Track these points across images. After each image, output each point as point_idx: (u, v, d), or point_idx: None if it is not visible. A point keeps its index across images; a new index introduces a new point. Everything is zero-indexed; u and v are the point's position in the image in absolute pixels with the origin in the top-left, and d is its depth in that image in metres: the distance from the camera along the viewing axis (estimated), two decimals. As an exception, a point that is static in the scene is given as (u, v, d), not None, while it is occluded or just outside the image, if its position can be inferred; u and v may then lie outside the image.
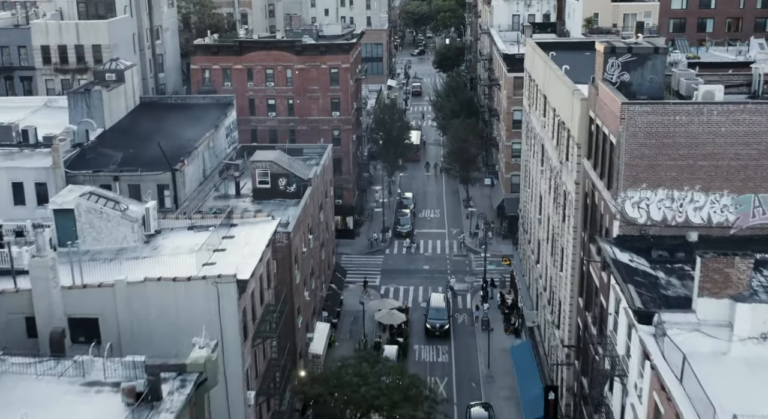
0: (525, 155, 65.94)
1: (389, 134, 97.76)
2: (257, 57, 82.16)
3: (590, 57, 63.53)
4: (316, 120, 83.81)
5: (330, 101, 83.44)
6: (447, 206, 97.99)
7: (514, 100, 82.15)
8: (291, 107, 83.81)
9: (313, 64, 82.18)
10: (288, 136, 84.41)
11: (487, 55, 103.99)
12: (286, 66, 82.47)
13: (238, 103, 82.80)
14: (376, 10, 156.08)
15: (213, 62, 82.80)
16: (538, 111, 57.30)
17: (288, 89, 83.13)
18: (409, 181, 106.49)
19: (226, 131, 65.69)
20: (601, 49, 37.44)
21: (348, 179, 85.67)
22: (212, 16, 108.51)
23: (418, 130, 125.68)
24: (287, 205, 56.87)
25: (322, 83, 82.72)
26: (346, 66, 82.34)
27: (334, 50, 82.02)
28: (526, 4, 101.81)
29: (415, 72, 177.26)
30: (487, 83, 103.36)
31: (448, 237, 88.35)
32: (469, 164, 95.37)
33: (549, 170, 51.71)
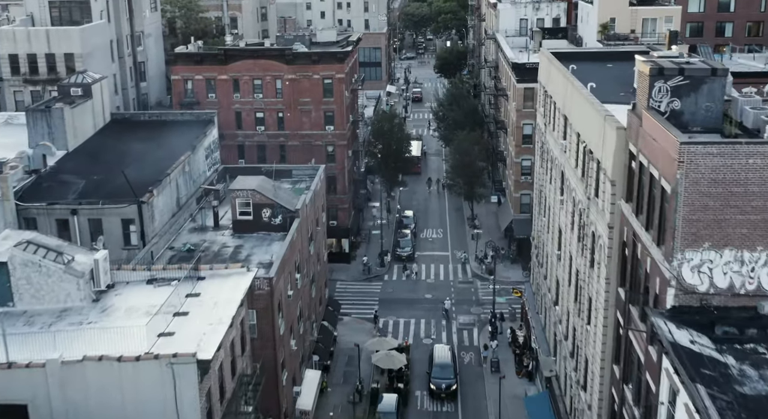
0: (539, 178, 59.10)
1: (388, 147, 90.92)
2: (244, 66, 75.33)
3: (614, 70, 57.02)
4: (308, 135, 76.97)
5: (323, 115, 76.63)
6: (450, 224, 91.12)
7: (524, 113, 75.40)
8: (281, 121, 77.00)
9: (305, 74, 75.36)
10: (278, 152, 77.64)
11: (493, 62, 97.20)
12: (276, 76, 75.65)
13: (223, 116, 76.16)
14: (374, 13, 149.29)
15: (196, 72, 75.95)
16: (556, 132, 50.47)
17: (277, 102, 76.31)
18: (410, 196, 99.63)
19: (206, 152, 58.83)
20: (646, 71, 30.60)
21: (343, 198, 78.81)
22: (199, 21, 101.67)
23: (419, 140, 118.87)
24: (272, 239, 50.04)
25: (314, 95, 75.90)
26: (341, 76, 75.50)
27: (328, 59, 75.18)
28: (534, 7, 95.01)
29: (415, 77, 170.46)
30: (493, 92, 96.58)
31: (451, 261, 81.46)
32: (474, 179, 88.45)
33: (571, 202, 44.88)
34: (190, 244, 48.80)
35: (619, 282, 34.68)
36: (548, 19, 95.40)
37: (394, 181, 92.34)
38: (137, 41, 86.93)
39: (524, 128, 75.94)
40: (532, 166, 76.52)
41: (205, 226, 52.51)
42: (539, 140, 59.35)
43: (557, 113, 50.05)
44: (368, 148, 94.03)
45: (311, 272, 55.56)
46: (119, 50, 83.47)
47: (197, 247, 48.74)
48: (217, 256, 47.51)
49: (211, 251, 48.48)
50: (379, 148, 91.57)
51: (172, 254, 48.01)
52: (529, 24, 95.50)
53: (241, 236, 50.55)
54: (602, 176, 36.78)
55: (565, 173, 47.00)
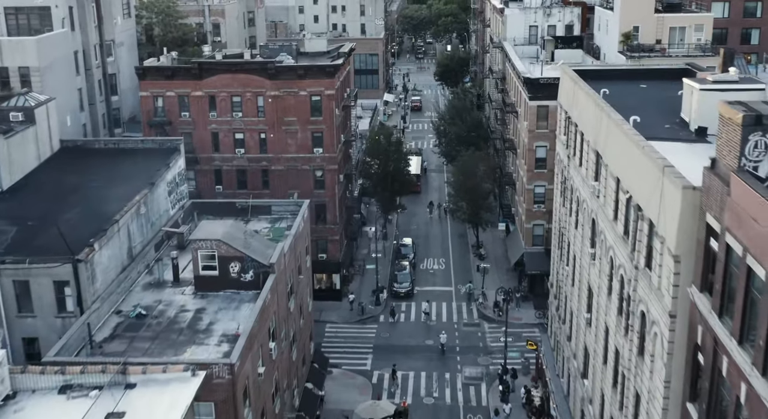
0: (561, 217, 50.47)
1: (384, 168, 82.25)
2: (221, 82, 66.66)
3: (651, 92, 48.34)
4: (293, 158, 68.31)
5: (311, 136, 67.95)
6: (453, 253, 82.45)
7: (538, 134, 66.80)
8: (263, 143, 68.32)
9: (290, 90, 66.70)
10: (259, 177, 68.96)
11: (499, 73, 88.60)
12: (257, 92, 66.99)
13: (198, 137, 67.56)
14: (371, 17, 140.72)
15: (167, 88, 67.27)
16: (584, 169, 41.86)
17: (259, 121, 67.65)
18: (409, 219, 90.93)
19: (169, 187, 50.17)
20: (736, 119, 21.95)
21: (333, 229, 70.14)
22: (179, 28, 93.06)
23: (418, 155, 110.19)
24: (241, 300, 41.40)
25: (301, 114, 67.24)
26: (330, 93, 66.83)
27: (316, 73, 66.51)
28: (545, 13, 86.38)
29: (414, 84, 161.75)
30: (500, 106, 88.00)
31: (455, 298, 72.78)
32: (480, 203, 79.81)
33: (608, 262, 36.28)
34: (141, 308, 40.13)
35: (688, 395, 26.02)
36: (560, 26, 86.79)
37: (391, 206, 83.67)
38: (107, 51, 78.46)
39: (537, 151, 67.35)
40: (546, 193, 68.09)
41: (163, 281, 43.84)
42: (560, 171, 50.71)
43: (586, 147, 41.43)
44: (363, 167, 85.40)
45: (292, 332, 46.90)
46: (86, 62, 74.90)
47: (150, 311, 40.11)
48: (171, 325, 38.85)
49: (165, 317, 39.81)
50: (374, 168, 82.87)
51: (119, 320, 39.37)
52: (539, 31, 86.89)
53: (204, 295, 41.88)
54: (658, 245, 28.15)
55: (598, 222, 38.38)
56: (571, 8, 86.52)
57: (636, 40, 69.78)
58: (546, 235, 68.93)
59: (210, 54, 74.62)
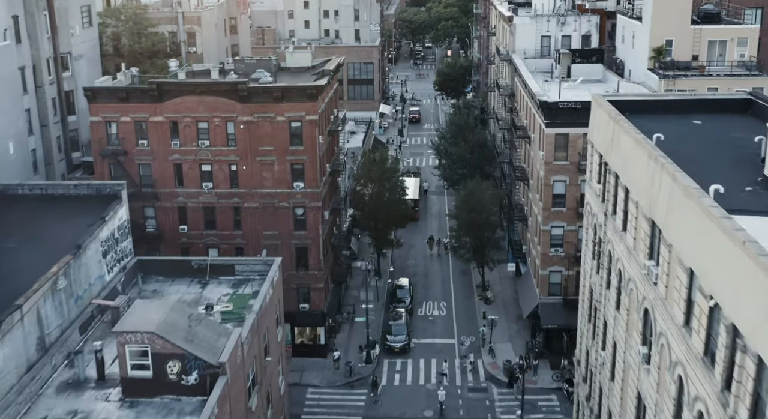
0: (594, 286, 40.57)
1: (378, 199, 72.34)
2: (184, 105, 56.83)
3: (710, 131, 38.68)
4: (270, 194, 58.47)
5: (290, 168, 58.08)
6: (456, 295, 72.56)
7: (556, 167, 57.01)
8: (234, 176, 58.47)
9: (266, 115, 56.86)
10: (230, 216, 59.13)
11: (508, 89, 78.74)
12: (227, 118, 57.15)
13: (158, 169, 57.78)
14: (365, 22, 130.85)
15: (121, 112, 57.42)
16: (631, 239, 32.00)
17: (230, 151, 57.79)
18: (405, 251, 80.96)
19: (105, 246, 40.27)
20: None
21: (317, 275, 60.26)
22: (149, 37, 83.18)
23: (417, 175, 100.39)
24: (182, 410, 31.55)
25: (278, 142, 57.40)
26: (313, 118, 56.99)
27: (295, 96, 56.64)
28: (559, 22, 76.47)
29: (412, 93, 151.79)
30: (507, 126, 78.18)
31: (458, 354, 62.93)
32: (486, 239, 69.96)
33: (674, 381, 26.41)
34: (48, 424, 30.32)
35: None
36: (576, 36, 76.89)
37: (385, 241, 73.81)
38: (63, 65, 68.83)
39: (555, 186, 57.57)
40: (566, 235, 58.33)
41: (84, 379, 33.96)
42: (591, 226, 40.85)
43: (633, 210, 31.58)
44: (354, 195, 75.52)
45: (254, 435, 37.03)
46: (36, 78, 65.42)
47: (59, 429, 30.27)
48: (82, 456, 29.01)
49: (77, 440, 29.97)
50: (366, 198, 72.98)
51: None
52: (552, 42, 77.00)
53: (134, 402, 32.01)
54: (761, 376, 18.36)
55: (656, 318, 28.55)
56: (588, 16, 76.65)
57: (669, 56, 59.97)
58: (565, 283, 59.19)
59: (174, 71, 64.62)
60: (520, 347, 62.21)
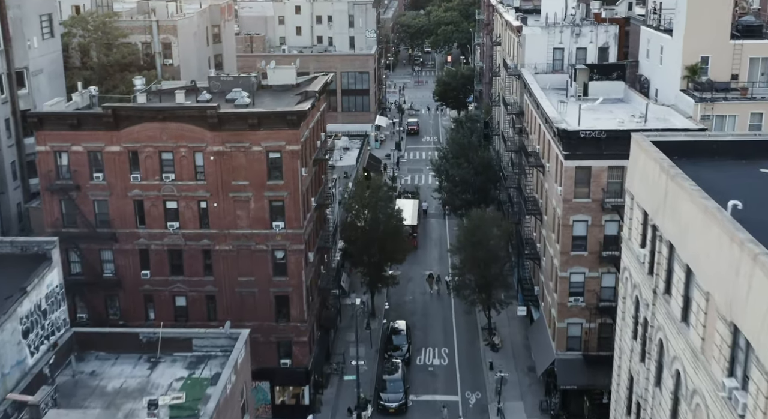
0: (635, 376, 32.64)
1: (372, 231, 64.51)
2: (145, 133, 49.01)
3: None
4: (245, 236, 50.62)
5: (268, 205, 50.22)
6: (459, 340, 64.70)
7: (577, 206, 49.14)
8: (204, 215, 50.63)
9: (240, 144, 49.02)
10: (200, 260, 51.31)
11: (516, 107, 70.93)
12: (195, 148, 49.32)
13: (116, 207, 49.96)
14: (361, 29, 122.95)
15: (72, 141, 49.57)
16: (698, 337, 24.16)
17: (198, 186, 49.96)
18: (402, 286, 72.96)
19: (26, 324, 32.34)
20: None
21: (300, 328, 52.37)
22: (120, 49, 75.24)
23: (415, 196, 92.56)
24: None
25: (254, 176, 49.56)
26: (294, 148, 49.12)
27: (274, 122, 48.76)
28: (573, 33, 68.62)
29: (411, 102, 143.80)
30: (515, 147, 70.43)
31: (463, 412, 55.05)
32: (492, 276, 62.13)
33: None
34: None
35: None
36: (592, 48, 69.04)
37: (379, 278, 65.96)
38: (20, 82, 61.18)
39: (575, 227, 49.69)
40: (587, 282, 50.50)
41: None
42: (632, 300, 32.95)
43: (702, 302, 23.73)
44: (344, 225, 67.64)
45: None
46: (-14, 97, 57.90)
47: None
48: None
49: None
50: (358, 231, 65.10)
51: None
52: (566, 55, 69.12)
53: None
54: None
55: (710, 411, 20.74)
56: (606, 26, 68.82)
57: (705, 75, 52.14)
58: (586, 337, 51.39)
59: (141, 89, 56.71)
60: (534, 407, 54.39)
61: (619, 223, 48.89)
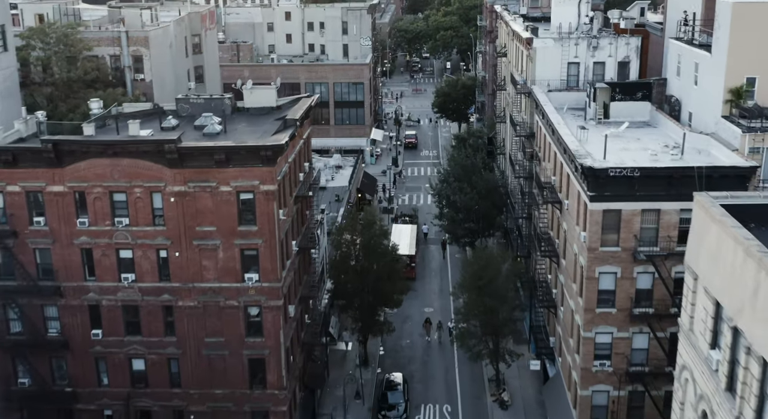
0: None
1: (364, 272, 56.90)
2: (93, 171, 41.44)
3: None
4: (213, 290, 43.01)
5: (239, 255, 42.61)
6: (462, 395, 57.05)
7: (603, 255, 41.55)
8: (164, 266, 43.02)
9: (205, 184, 41.43)
10: (161, 318, 43.70)
11: (526, 128, 63.44)
12: (152, 188, 41.73)
13: (60, 256, 42.49)
14: (355, 36, 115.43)
15: (8, 180, 41.96)
16: None
17: (157, 232, 42.35)
18: (399, 326, 65.09)
19: None
20: None
21: (279, 397, 44.63)
22: (85, 63, 67.50)
23: (413, 220, 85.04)
24: None
25: (223, 221, 41.96)
26: (270, 188, 41.49)
27: (245, 158, 41.15)
28: (590, 45, 61.07)
29: (409, 112, 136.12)
30: (525, 173, 63.00)
31: (468, 491, 47.56)
32: (502, 322, 54.59)
33: None
34: None
35: None
36: (611, 63, 61.51)
37: (372, 324, 58.35)
38: (-36, 102, 53.68)
39: (602, 280, 42.07)
40: (614, 344, 42.91)
41: None
42: (693, 405, 25.35)
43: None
44: (333, 263, 59.97)
45: None
46: None
47: None
48: None
49: None
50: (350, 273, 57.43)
51: None
52: (581, 71, 61.64)
53: None
54: None
55: None
56: (627, 38, 61.27)
57: (751, 99, 44.58)
58: (614, 407, 43.77)
59: (98, 113, 49.05)
60: (551, 485, 46.87)
61: (654, 275, 41.52)
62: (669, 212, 40.76)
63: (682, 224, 40.75)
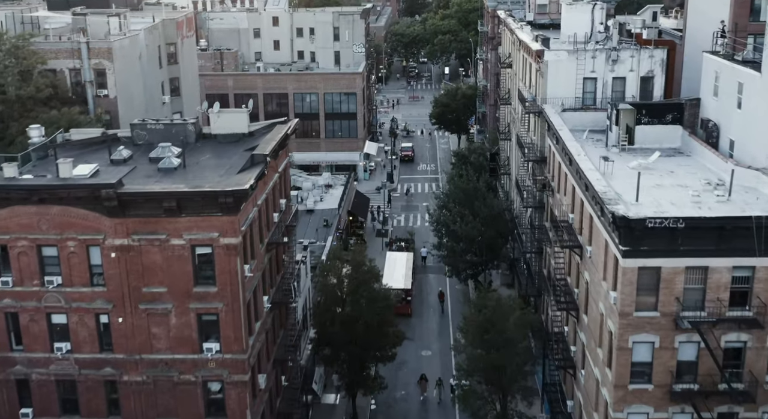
0: None
1: (351, 320, 49.40)
2: (17, 220, 33.95)
3: None
4: (165, 362, 35.50)
5: (196, 320, 35.13)
6: (466, 462, 49.78)
7: (638, 321, 34.10)
8: (106, 334, 35.55)
9: (153, 236, 33.96)
10: (102, 396, 36.20)
11: (536, 151, 56.09)
12: (89, 241, 34.27)
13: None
14: (347, 43, 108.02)
15: None
16: None
17: (96, 293, 34.86)
18: (393, 378, 57.61)
19: None
20: None
21: (246, 486, 37.26)
22: (37, 78, 59.95)
23: (409, 245, 77.56)
24: None
25: (175, 280, 34.48)
26: (232, 241, 34.01)
27: (202, 206, 33.69)
28: (609, 58, 53.60)
29: (405, 122, 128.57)
30: (535, 203, 55.60)
31: None
32: (510, 377, 47.19)
33: None
34: None
35: None
36: (632, 78, 54.02)
37: (361, 381, 50.86)
38: None
39: (636, 351, 34.61)
40: (651, 427, 35.38)
41: None
42: None
43: None
44: (316, 310, 52.49)
45: None
46: None
47: None
48: None
49: None
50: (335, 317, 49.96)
51: None
52: (599, 87, 54.20)
53: None
54: None
55: None
56: (650, 50, 53.82)
57: (812, 129, 37.23)
58: None
59: (40, 141, 41.56)
60: None
61: (700, 345, 34.16)
62: (719, 269, 33.40)
63: (734, 283, 33.55)
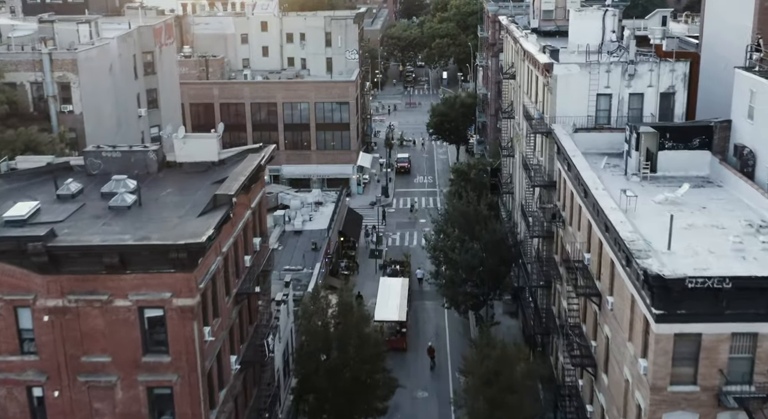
0: None
1: (338, 369, 43.77)
2: (-70, 278, 28.36)
3: None
4: (110, 443, 29.91)
5: (146, 395, 29.48)
6: None
7: (673, 397, 28.44)
8: (39, 410, 29.89)
9: (93, 296, 28.29)
10: (37, 482, 30.48)
11: (544, 175, 50.51)
12: (18, 301, 28.61)
13: None
14: (340, 49, 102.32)
15: None
16: None
17: (26, 363, 29.19)
18: (387, 418, 52.13)
19: None
20: None
21: None
22: (-2, 92, 54.48)
23: (404, 269, 71.91)
24: None
25: (120, 348, 28.84)
26: (187, 302, 28.37)
27: (150, 261, 28.03)
28: (625, 72, 47.98)
29: (401, 131, 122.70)
30: (543, 233, 49.98)
31: None
32: None
33: None
34: None
35: None
36: (651, 94, 48.40)
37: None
38: None
39: (670, 430, 29.05)
40: None
41: None
42: None
43: None
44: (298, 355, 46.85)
45: None
46: None
47: None
48: None
49: None
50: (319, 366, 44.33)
51: None
52: (614, 104, 48.61)
53: None
54: None
55: None
56: (671, 64, 48.20)
57: None
58: None
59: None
60: None
61: (746, 425, 28.60)
62: (771, 336, 27.88)
63: (789, 353, 28.02)
